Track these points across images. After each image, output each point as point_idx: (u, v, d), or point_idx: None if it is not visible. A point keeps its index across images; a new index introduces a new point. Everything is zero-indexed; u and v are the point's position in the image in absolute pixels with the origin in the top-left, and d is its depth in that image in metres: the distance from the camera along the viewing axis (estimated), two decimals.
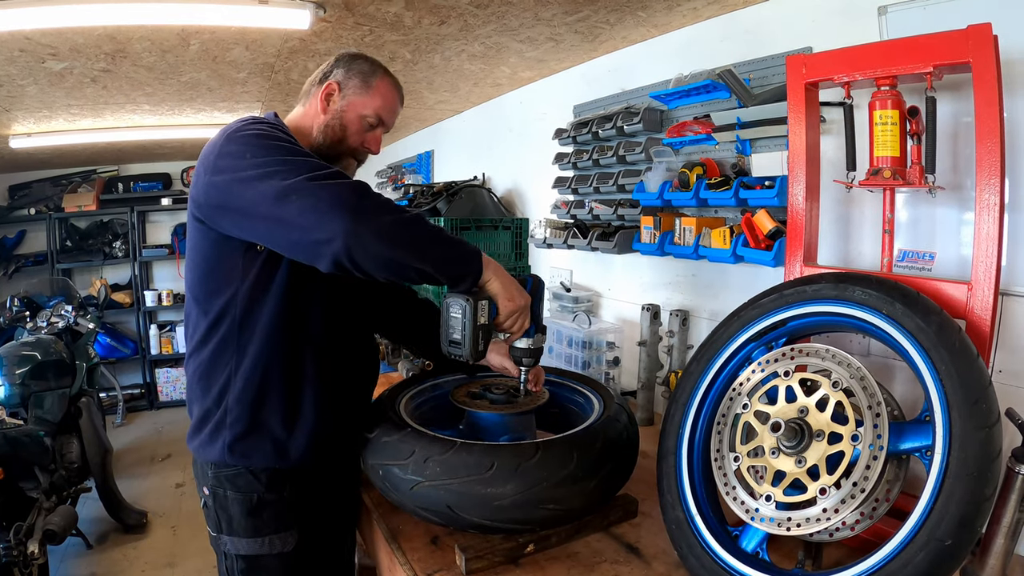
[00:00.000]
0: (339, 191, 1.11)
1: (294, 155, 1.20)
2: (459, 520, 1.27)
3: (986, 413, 0.95)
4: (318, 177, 1.12)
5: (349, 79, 1.45)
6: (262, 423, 1.36)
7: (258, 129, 1.26)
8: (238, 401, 1.34)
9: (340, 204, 1.10)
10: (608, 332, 2.43)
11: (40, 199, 5.97)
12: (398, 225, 1.14)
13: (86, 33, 2.16)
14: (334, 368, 1.43)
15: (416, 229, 1.17)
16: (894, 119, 1.36)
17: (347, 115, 1.45)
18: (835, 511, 1.03)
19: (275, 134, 1.26)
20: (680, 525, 1.24)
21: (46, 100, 3.14)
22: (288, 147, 1.22)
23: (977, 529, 0.92)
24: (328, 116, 1.45)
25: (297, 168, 1.14)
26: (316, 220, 1.10)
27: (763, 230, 1.80)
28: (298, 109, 1.51)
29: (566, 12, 2.08)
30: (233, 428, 1.34)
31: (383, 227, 1.12)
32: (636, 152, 2.32)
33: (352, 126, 1.46)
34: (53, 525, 2.63)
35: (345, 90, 1.45)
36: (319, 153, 1.43)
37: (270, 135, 1.25)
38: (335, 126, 1.45)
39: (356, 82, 1.45)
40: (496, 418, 1.53)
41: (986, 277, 1.18)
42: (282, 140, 1.25)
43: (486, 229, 3.17)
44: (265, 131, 1.25)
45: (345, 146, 1.47)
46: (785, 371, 1.19)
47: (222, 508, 1.39)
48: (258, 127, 1.26)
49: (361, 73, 1.46)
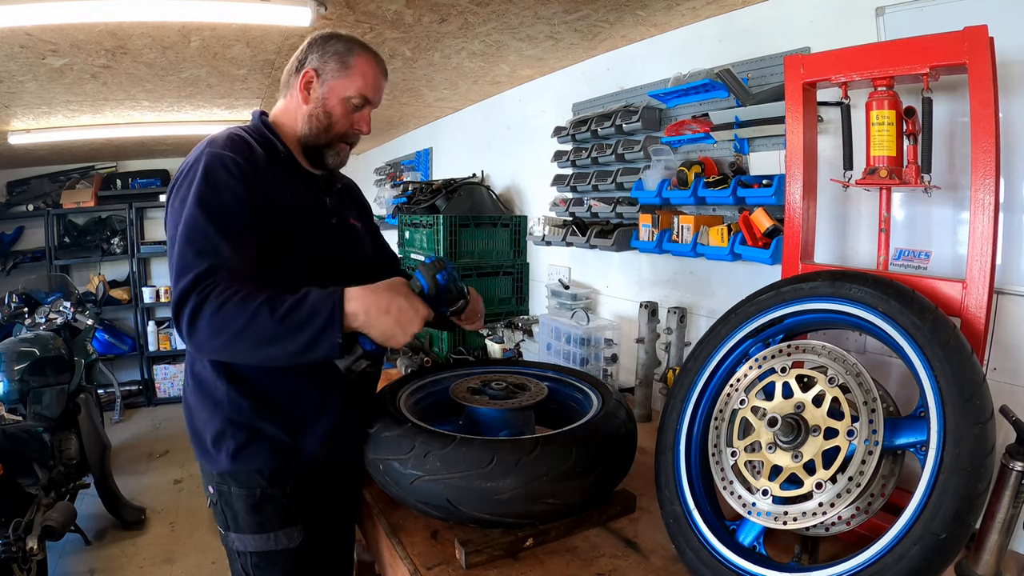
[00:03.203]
0: (196, 314, 1.16)
1: (207, 246, 1.21)
2: (459, 514, 1.28)
3: (980, 409, 0.96)
4: (201, 289, 1.17)
5: (326, 63, 1.41)
6: (263, 431, 1.37)
7: (203, 195, 1.24)
8: (238, 411, 1.35)
9: (189, 323, 1.17)
10: (606, 329, 2.44)
11: (38, 195, 5.95)
12: (232, 342, 1.17)
13: (87, 29, 2.16)
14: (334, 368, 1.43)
15: (252, 339, 1.17)
16: (891, 119, 1.37)
17: (329, 101, 1.42)
18: (831, 505, 1.04)
19: (212, 206, 1.24)
20: (678, 520, 1.25)
21: (46, 96, 3.13)
22: (205, 237, 1.21)
23: (971, 523, 0.93)
24: (311, 106, 1.42)
25: (197, 274, 1.18)
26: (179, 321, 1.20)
27: (760, 228, 1.81)
28: (281, 102, 1.49)
29: (566, 11, 2.09)
30: (236, 438, 1.36)
31: (217, 348, 1.22)
32: (635, 150, 2.33)
33: (337, 111, 1.43)
34: (52, 521, 2.63)
35: (324, 75, 1.41)
36: (309, 145, 1.45)
37: (207, 210, 1.23)
38: (319, 115, 1.42)
39: (333, 65, 1.40)
40: (496, 413, 1.54)
41: (981, 276, 1.20)
42: (211, 219, 1.22)
43: (485, 226, 3.18)
44: (206, 203, 1.24)
45: (334, 133, 1.45)
46: (782, 367, 1.20)
47: (227, 504, 1.40)
48: (205, 194, 1.24)
49: (337, 54, 1.41)
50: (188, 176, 1.29)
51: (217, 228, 1.22)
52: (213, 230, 1.22)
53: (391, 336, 1.26)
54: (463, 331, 3.13)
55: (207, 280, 1.18)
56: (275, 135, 1.43)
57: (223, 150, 1.30)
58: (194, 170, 1.28)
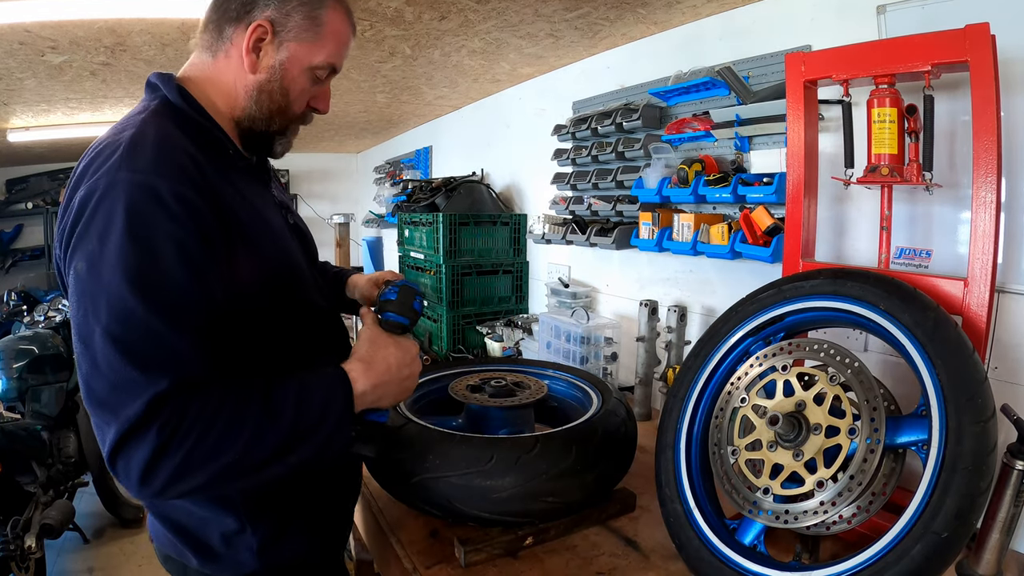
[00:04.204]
0: (157, 461, 0.78)
1: (156, 350, 0.81)
2: (458, 513, 1.28)
3: (982, 408, 0.95)
4: (162, 426, 0.78)
5: (288, 16, 1.00)
6: (293, 514, 1.09)
7: (134, 264, 0.81)
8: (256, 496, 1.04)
9: (144, 473, 0.79)
10: (606, 328, 2.44)
11: (37, 193, 5.95)
12: (215, 480, 0.83)
13: (86, 26, 2.15)
14: None
15: (247, 466, 0.85)
16: (892, 117, 1.36)
17: (291, 71, 1.03)
18: (832, 504, 1.04)
19: (153, 281, 0.82)
20: (678, 518, 1.25)
21: (45, 93, 3.12)
22: (149, 335, 0.80)
23: (972, 522, 0.92)
24: (262, 76, 1.02)
25: (149, 401, 0.78)
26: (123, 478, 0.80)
27: (761, 226, 1.81)
28: (203, 61, 1.04)
29: (566, 8, 2.09)
30: (260, 531, 1.05)
31: (188, 491, 0.84)
32: (635, 148, 2.33)
33: (297, 85, 1.05)
34: (50, 519, 2.63)
35: (283, 33, 1.00)
36: (254, 129, 1.07)
37: (145, 289, 0.81)
38: (273, 90, 1.03)
39: (298, 19, 1.00)
40: (495, 411, 1.54)
41: (982, 274, 1.19)
42: (153, 305, 0.81)
43: (484, 225, 3.17)
44: (142, 278, 0.81)
45: (290, 115, 1.08)
46: (783, 365, 1.20)
47: None
48: (136, 262, 0.81)
49: (303, 5, 1.01)
50: (95, 222, 0.83)
51: (166, 318, 0.81)
52: (160, 322, 0.81)
53: (402, 396, 1.07)
54: (463, 329, 3.13)
55: (165, 408, 0.79)
56: (210, 120, 1.02)
57: (154, 176, 0.84)
58: (105, 214, 0.82)
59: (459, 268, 3.09)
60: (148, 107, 0.98)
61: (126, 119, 0.96)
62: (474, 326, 3.14)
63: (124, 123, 0.95)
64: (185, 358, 0.82)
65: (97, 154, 0.89)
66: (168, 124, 0.94)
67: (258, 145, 1.11)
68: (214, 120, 1.02)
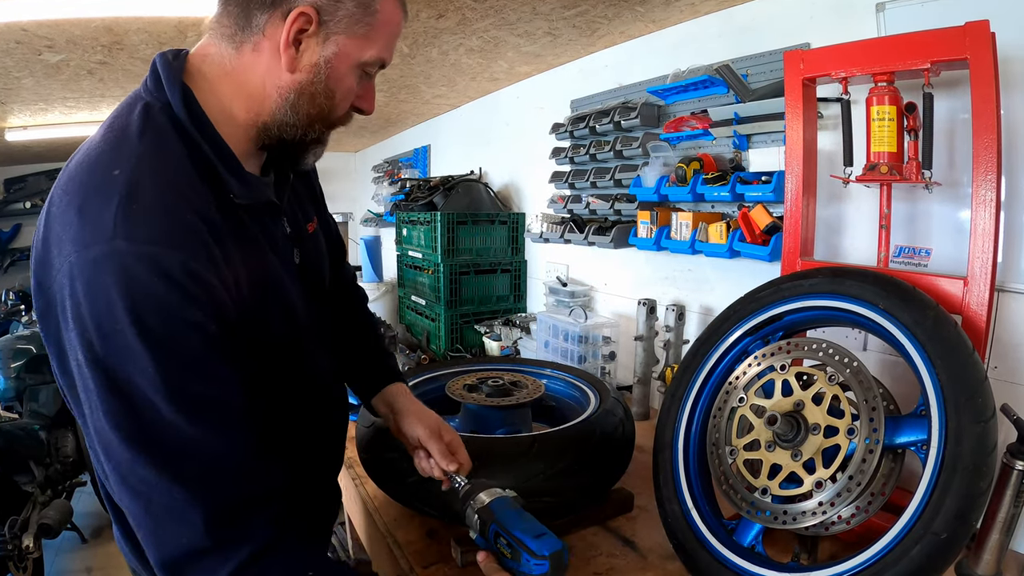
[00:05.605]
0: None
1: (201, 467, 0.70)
2: (455, 513, 1.27)
3: (982, 408, 0.95)
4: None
5: (337, 3, 0.82)
6: None
7: (162, 372, 0.68)
8: None
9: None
10: (604, 327, 2.43)
11: (36, 193, 5.92)
12: None
13: (83, 25, 2.14)
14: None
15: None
16: (891, 115, 1.36)
17: (338, 69, 0.86)
18: (831, 505, 1.04)
19: (188, 390, 0.70)
20: (676, 519, 1.24)
21: (42, 92, 3.11)
22: (191, 450, 0.70)
23: (972, 523, 0.92)
24: (304, 75, 0.84)
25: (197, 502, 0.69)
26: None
27: (760, 225, 1.80)
28: (225, 55, 0.84)
29: (564, 7, 2.08)
30: None
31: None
32: (633, 147, 2.32)
33: (344, 85, 0.88)
34: (48, 519, 2.63)
35: (331, 24, 0.83)
36: (285, 138, 0.89)
37: (177, 397, 0.69)
38: (317, 93, 0.86)
39: (350, 8, 0.83)
40: (492, 411, 1.53)
41: (982, 273, 1.19)
42: (191, 415, 0.70)
43: (482, 224, 3.17)
44: (171, 384, 0.68)
45: (331, 120, 0.92)
46: (781, 365, 1.19)
47: None
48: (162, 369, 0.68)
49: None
50: (92, 303, 0.67)
51: (211, 425, 0.71)
52: (203, 432, 0.70)
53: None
54: (460, 328, 3.13)
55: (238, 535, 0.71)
56: (219, 145, 0.83)
57: (160, 247, 0.69)
58: (103, 296, 0.66)
59: (457, 267, 3.09)
60: (144, 116, 0.78)
61: (120, 121, 0.79)
62: (472, 325, 3.13)
63: (117, 136, 0.77)
64: (232, 464, 0.73)
65: (81, 185, 0.72)
66: (169, 159, 0.77)
67: (286, 156, 0.94)
68: (225, 144, 0.83)
